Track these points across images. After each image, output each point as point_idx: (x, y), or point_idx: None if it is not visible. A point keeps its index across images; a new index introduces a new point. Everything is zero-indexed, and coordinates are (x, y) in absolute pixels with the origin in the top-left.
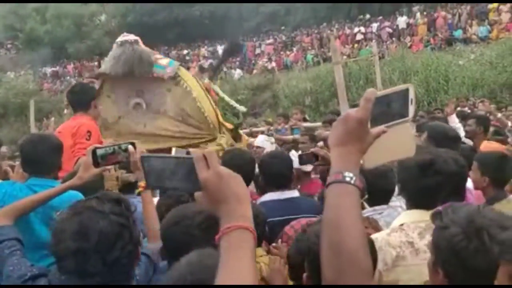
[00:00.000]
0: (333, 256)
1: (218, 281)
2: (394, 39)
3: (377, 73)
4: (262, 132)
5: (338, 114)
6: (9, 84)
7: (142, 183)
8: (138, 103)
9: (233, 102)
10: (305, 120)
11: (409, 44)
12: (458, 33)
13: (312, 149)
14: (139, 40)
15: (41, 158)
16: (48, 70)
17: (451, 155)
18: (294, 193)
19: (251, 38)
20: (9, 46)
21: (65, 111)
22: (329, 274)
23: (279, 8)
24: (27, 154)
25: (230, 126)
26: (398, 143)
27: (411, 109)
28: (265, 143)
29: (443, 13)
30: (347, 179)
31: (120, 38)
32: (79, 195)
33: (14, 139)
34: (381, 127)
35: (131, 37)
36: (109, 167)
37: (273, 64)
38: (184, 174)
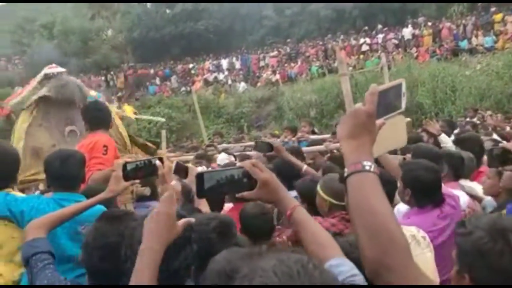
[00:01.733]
0: (373, 238)
1: (310, 239)
2: (400, 49)
3: (385, 83)
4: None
5: None
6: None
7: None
8: (73, 130)
9: (149, 117)
10: (313, 132)
11: (415, 55)
12: (464, 44)
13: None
14: None
15: (69, 174)
16: None
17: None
18: None
19: (255, 51)
20: (16, 61)
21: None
22: (373, 255)
23: (283, 21)
24: (55, 170)
25: (144, 144)
26: (393, 134)
27: (403, 101)
28: (225, 161)
29: (448, 24)
30: (367, 167)
31: (55, 70)
32: (103, 209)
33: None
34: (381, 120)
35: (61, 69)
36: (137, 180)
37: (277, 76)
38: (237, 180)
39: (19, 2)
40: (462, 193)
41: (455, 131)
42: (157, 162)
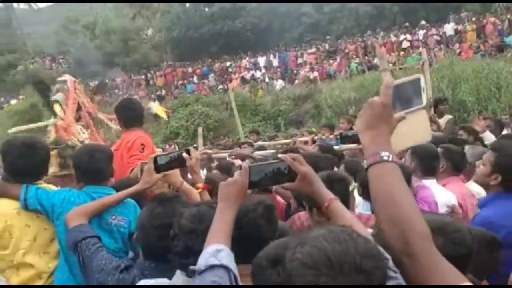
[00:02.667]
0: (393, 227)
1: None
2: (442, 46)
3: (427, 80)
4: (306, 142)
5: None
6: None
7: (200, 185)
8: None
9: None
10: (351, 130)
11: (458, 51)
12: (510, 39)
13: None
14: None
15: (98, 168)
16: (98, 83)
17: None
18: None
19: (293, 48)
20: (60, 60)
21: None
22: (395, 243)
23: (321, 18)
24: (84, 164)
25: None
26: (416, 128)
27: (424, 97)
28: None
29: (492, 19)
30: (385, 158)
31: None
32: (132, 201)
33: None
34: (402, 113)
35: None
36: (168, 172)
37: (315, 73)
38: (280, 172)
39: (63, 2)
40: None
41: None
42: (185, 154)
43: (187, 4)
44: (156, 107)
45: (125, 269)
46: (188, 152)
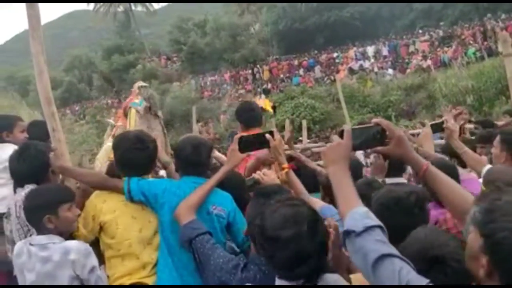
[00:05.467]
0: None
1: (446, 191)
2: None
3: None
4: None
5: None
6: (174, 94)
7: (285, 165)
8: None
9: None
10: (470, 122)
11: None
12: None
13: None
14: None
15: (200, 160)
16: (208, 79)
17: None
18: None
19: (404, 36)
20: (174, 59)
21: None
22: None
23: (435, 3)
24: (187, 155)
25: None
26: None
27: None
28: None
29: None
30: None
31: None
32: (228, 194)
33: None
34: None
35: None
36: (252, 152)
37: (429, 62)
38: (375, 136)
39: (177, 2)
40: None
41: None
42: (268, 135)
43: None
44: (262, 101)
45: (244, 267)
46: (271, 134)
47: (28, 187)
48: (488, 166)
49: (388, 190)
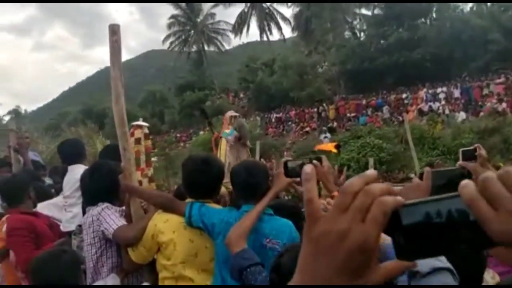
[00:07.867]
0: None
1: None
2: None
3: None
4: None
5: None
6: None
7: (335, 193)
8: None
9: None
10: None
11: None
12: None
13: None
14: None
15: (257, 182)
16: (273, 116)
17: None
18: None
19: (478, 78)
20: (241, 96)
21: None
22: None
23: (511, 45)
24: (242, 180)
25: None
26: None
27: None
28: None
29: None
30: None
31: (235, 113)
32: (288, 222)
33: None
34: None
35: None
36: (297, 179)
37: (504, 105)
38: (462, 175)
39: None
40: None
41: None
42: (315, 162)
43: (362, 37)
44: (324, 146)
45: None
46: (319, 160)
47: (101, 205)
48: None
49: None
